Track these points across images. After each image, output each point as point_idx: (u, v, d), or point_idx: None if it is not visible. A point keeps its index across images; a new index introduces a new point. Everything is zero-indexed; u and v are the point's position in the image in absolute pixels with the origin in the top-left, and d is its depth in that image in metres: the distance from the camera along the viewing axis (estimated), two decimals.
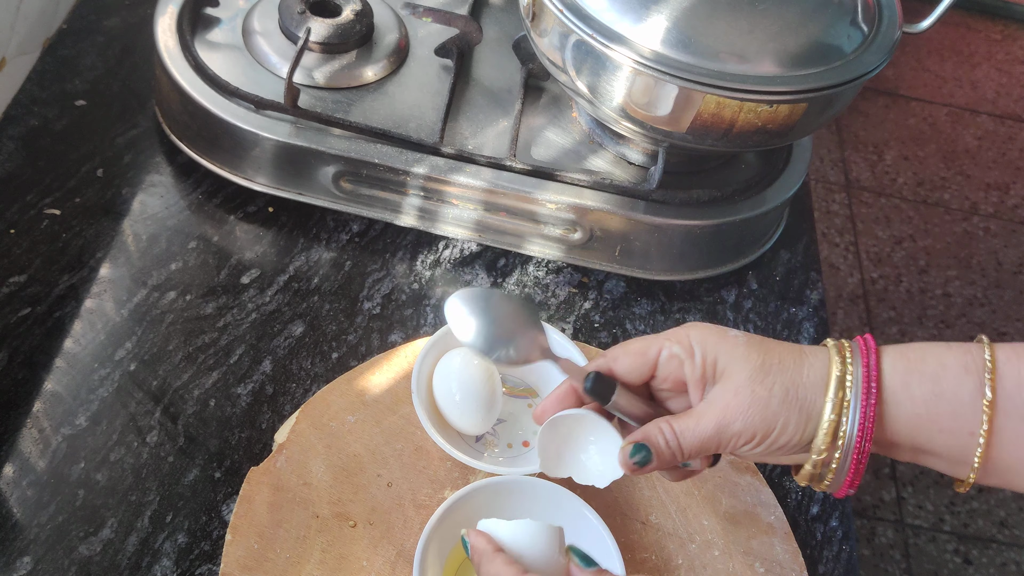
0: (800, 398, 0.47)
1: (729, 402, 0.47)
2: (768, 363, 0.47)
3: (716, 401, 0.48)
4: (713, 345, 0.48)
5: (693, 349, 0.49)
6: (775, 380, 0.47)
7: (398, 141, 0.74)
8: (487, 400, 0.62)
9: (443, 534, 0.57)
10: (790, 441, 0.47)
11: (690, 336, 0.49)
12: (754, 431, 0.47)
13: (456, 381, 0.62)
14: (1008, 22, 2.87)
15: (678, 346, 0.49)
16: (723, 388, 0.48)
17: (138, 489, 0.60)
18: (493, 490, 0.59)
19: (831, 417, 0.46)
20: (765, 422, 0.47)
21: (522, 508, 0.59)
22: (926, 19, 0.73)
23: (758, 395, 0.47)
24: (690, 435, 0.48)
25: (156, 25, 0.77)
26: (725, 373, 0.48)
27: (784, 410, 0.47)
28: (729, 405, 0.47)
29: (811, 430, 0.47)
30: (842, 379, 0.47)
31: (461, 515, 0.58)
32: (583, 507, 0.58)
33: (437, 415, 0.63)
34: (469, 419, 0.62)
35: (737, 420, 0.47)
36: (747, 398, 0.47)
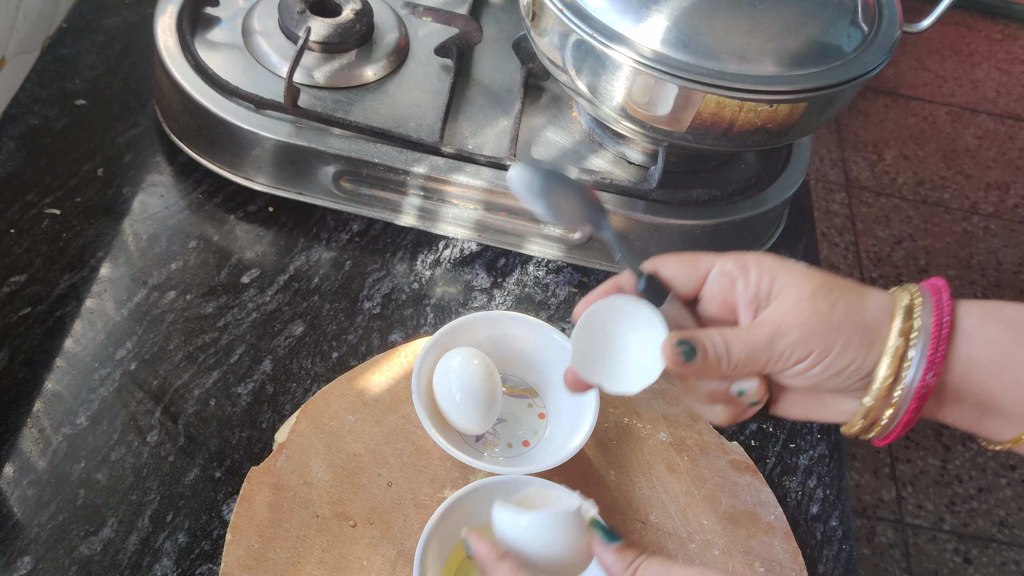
0: (864, 319, 0.43)
1: (787, 312, 0.43)
2: (830, 283, 0.44)
3: (772, 314, 0.44)
4: (770, 266, 0.45)
5: (748, 267, 0.45)
6: (839, 297, 0.43)
7: (398, 141, 0.74)
8: (487, 400, 0.62)
9: (443, 534, 0.57)
10: (850, 365, 0.44)
11: (746, 256, 0.46)
12: (811, 346, 0.43)
13: (456, 381, 0.62)
14: (1008, 21, 2.87)
15: (732, 263, 0.46)
16: (781, 302, 0.44)
17: (138, 488, 0.60)
18: (493, 490, 0.59)
19: (898, 342, 0.43)
20: (825, 337, 0.43)
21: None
22: (926, 18, 0.73)
23: (819, 309, 0.43)
24: (739, 342, 0.44)
25: (156, 24, 0.77)
26: (784, 290, 0.45)
27: (847, 328, 0.43)
28: (787, 315, 0.43)
29: (873, 357, 0.43)
30: (910, 309, 0.43)
31: (461, 515, 0.58)
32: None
33: (437, 415, 0.63)
34: (469, 419, 0.62)
35: (794, 330, 0.43)
36: (807, 310, 0.43)
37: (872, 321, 0.44)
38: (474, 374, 0.62)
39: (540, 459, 0.63)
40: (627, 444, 0.67)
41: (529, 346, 0.67)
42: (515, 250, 0.77)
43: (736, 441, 0.69)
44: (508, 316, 0.67)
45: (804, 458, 0.70)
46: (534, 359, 0.68)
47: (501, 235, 0.77)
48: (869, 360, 0.44)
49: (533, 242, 0.77)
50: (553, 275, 0.77)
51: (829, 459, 0.70)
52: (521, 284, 0.76)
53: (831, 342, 0.43)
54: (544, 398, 0.68)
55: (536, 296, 0.76)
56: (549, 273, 0.77)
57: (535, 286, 0.76)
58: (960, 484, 1.80)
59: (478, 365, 0.63)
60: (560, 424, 0.65)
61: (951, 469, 1.81)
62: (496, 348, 0.66)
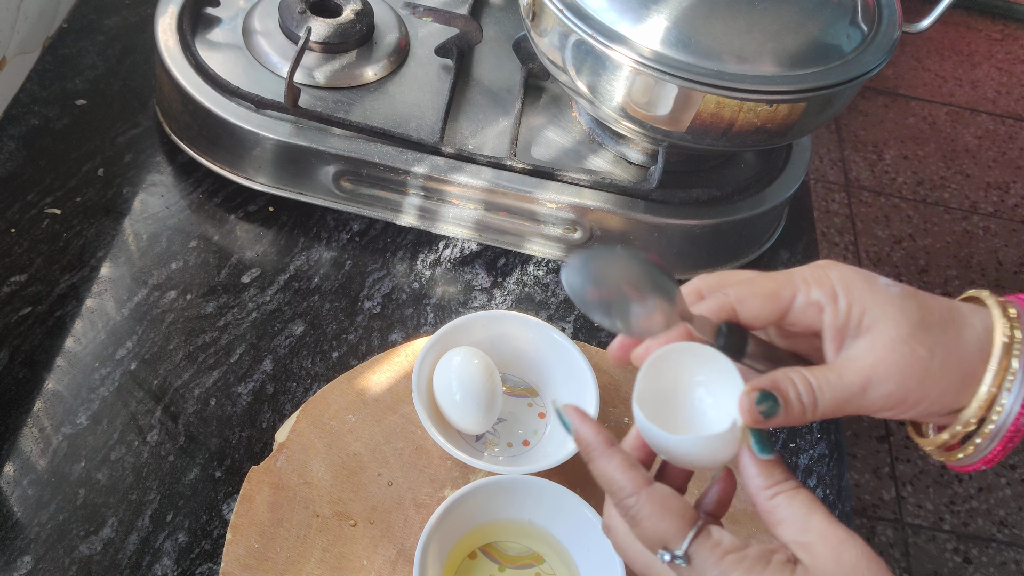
0: (963, 363, 0.40)
1: (883, 358, 0.40)
2: (928, 320, 0.40)
3: (865, 356, 0.41)
4: (860, 293, 0.41)
5: (837, 295, 0.42)
6: (936, 340, 0.40)
7: (398, 141, 0.74)
8: (487, 399, 0.62)
9: (443, 533, 0.57)
10: (941, 411, 0.42)
11: (832, 278, 0.42)
12: (905, 395, 0.40)
13: (456, 380, 0.62)
14: (1008, 21, 2.87)
15: (818, 290, 0.42)
16: (873, 341, 0.40)
17: (139, 488, 0.60)
18: (493, 489, 0.59)
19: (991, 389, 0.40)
20: (922, 387, 0.40)
21: (523, 508, 0.60)
22: (926, 18, 0.73)
23: (918, 355, 0.40)
24: (829, 391, 0.41)
25: (157, 24, 0.77)
26: (876, 326, 0.41)
27: (945, 376, 0.40)
28: (883, 362, 0.40)
29: (965, 399, 0.41)
30: (1009, 346, 0.41)
31: (461, 514, 0.58)
32: (583, 507, 0.58)
33: (437, 414, 0.63)
34: (469, 418, 0.62)
35: (890, 380, 0.40)
36: (906, 356, 0.40)
37: (969, 364, 0.41)
38: (474, 374, 0.62)
39: (540, 458, 0.63)
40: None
41: (529, 346, 0.67)
42: (515, 250, 0.77)
43: None
44: (508, 316, 0.67)
45: (804, 458, 0.70)
46: (534, 359, 0.68)
47: (501, 235, 0.77)
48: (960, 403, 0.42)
49: (533, 242, 0.77)
50: (553, 275, 0.77)
51: (829, 459, 0.70)
52: (521, 284, 0.76)
53: (928, 392, 0.41)
54: (544, 398, 0.68)
55: (536, 296, 0.76)
56: (549, 273, 0.78)
57: (535, 286, 0.77)
58: (960, 484, 1.80)
59: (478, 365, 0.63)
60: (560, 423, 0.65)
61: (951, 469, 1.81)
62: (496, 348, 0.66)
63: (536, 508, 0.60)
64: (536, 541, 0.61)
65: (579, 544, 0.59)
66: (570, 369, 0.66)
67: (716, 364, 0.44)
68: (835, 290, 0.42)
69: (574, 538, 0.59)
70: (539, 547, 0.61)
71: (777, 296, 0.43)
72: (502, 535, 0.61)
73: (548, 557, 0.60)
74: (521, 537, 0.61)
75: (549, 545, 0.60)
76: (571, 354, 0.66)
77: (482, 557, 0.60)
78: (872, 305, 0.41)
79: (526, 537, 0.61)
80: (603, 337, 0.74)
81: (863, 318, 0.41)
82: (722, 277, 0.45)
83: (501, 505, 0.59)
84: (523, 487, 0.59)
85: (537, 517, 0.60)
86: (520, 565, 0.60)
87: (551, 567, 0.60)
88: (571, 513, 0.59)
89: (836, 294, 0.42)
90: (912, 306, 0.41)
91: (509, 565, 0.60)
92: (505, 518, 0.60)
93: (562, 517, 0.59)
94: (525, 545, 0.61)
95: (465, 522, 0.59)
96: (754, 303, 0.43)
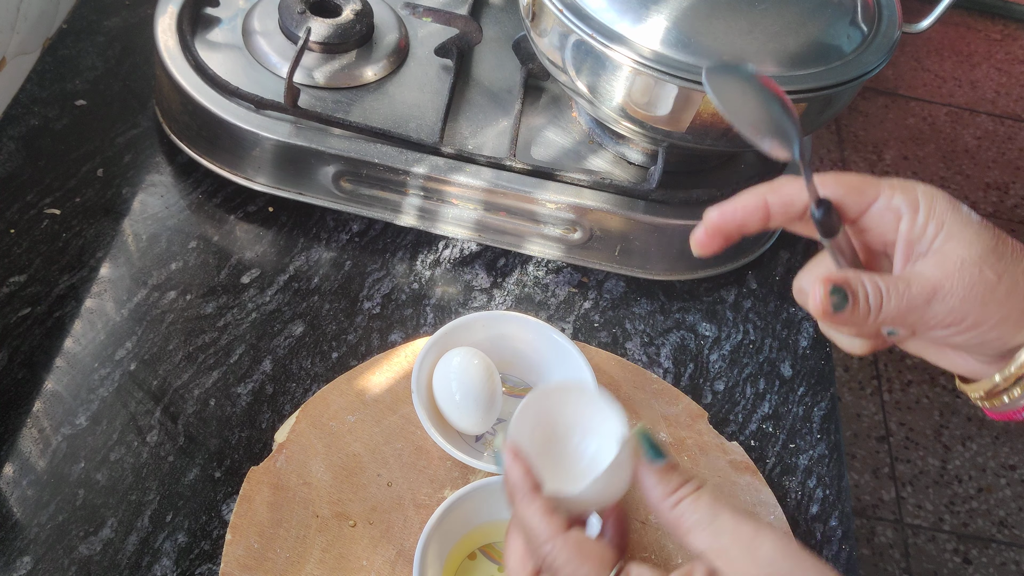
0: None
1: (951, 274, 0.41)
2: (1002, 248, 0.41)
3: (934, 270, 0.41)
4: (943, 209, 0.42)
5: (918, 205, 0.42)
6: (1007, 267, 0.41)
7: (398, 141, 0.74)
8: (487, 399, 0.62)
9: (443, 534, 0.57)
10: (998, 339, 0.42)
11: (918, 190, 0.42)
12: (966, 314, 0.41)
13: (456, 381, 0.62)
14: (1008, 22, 2.87)
15: (901, 197, 0.42)
16: (944, 258, 0.41)
17: (138, 489, 0.60)
18: (492, 489, 0.59)
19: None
20: (983, 309, 0.41)
21: (497, 504, 0.59)
22: (926, 19, 0.73)
23: (986, 277, 0.40)
24: (896, 297, 0.41)
25: (156, 25, 0.77)
26: (950, 244, 0.41)
27: (1007, 304, 0.41)
28: (950, 278, 0.41)
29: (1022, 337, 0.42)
30: None
31: (461, 514, 0.58)
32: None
33: (437, 415, 0.63)
34: (469, 419, 0.62)
35: (954, 296, 0.41)
36: (974, 277, 0.40)
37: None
38: (474, 374, 0.62)
39: None
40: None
41: (529, 346, 0.67)
42: (515, 250, 0.77)
43: (736, 441, 0.69)
44: (508, 316, 0.67)
45: (804, 458, 0.70)
46: (534, 359, 0.68)
47: (501, 235, 0.77)
48: (1017, 339, 0.42)
49: (533, 242, 0.77)
50: (553, 275, 0.77)
51: (829, 459, 0.70)
52: (521, 284, 0.76)
53: (988, 315, 0.41)
54: None
55: (536, 296, 0.76)
56: (549, 273, 0.78)
57: (535, 286, 0.77)
58: (960, 484, 1.80)
59: (478, 365, 0.63)
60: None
61: (951, 469, 1.81)
62: (496, 348, 0.66)
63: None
64: None
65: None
66: (570, 370, 0.66)
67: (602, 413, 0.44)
68: (916, 201, 0.42)
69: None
70: None
71: (861, 190, 0.43)
72: (501, 535, 0.61)
73: None
74: None
75: None
76: (571, 354, 0.65)
77: (481, 557, 0.60)
78: (951, 223, 0.41)
79: None
80: (603, 338, 0.74)
81: (939, 235, 0.41)
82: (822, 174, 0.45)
83: (500, 505, 0.59)
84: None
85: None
86: None
87: None
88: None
89: (918, 205, 0.42)
90: (988, 234, 0.41)
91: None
92: (504, 519, 0.60)
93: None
94: None
95: (464, 522, 0.59)
96: (838, 189, 0.43)
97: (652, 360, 0.74)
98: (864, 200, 0.43)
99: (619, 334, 0.75)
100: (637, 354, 0.74)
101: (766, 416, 0.72)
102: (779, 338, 0.77)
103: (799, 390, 0.74)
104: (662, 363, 0.74)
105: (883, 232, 0.44)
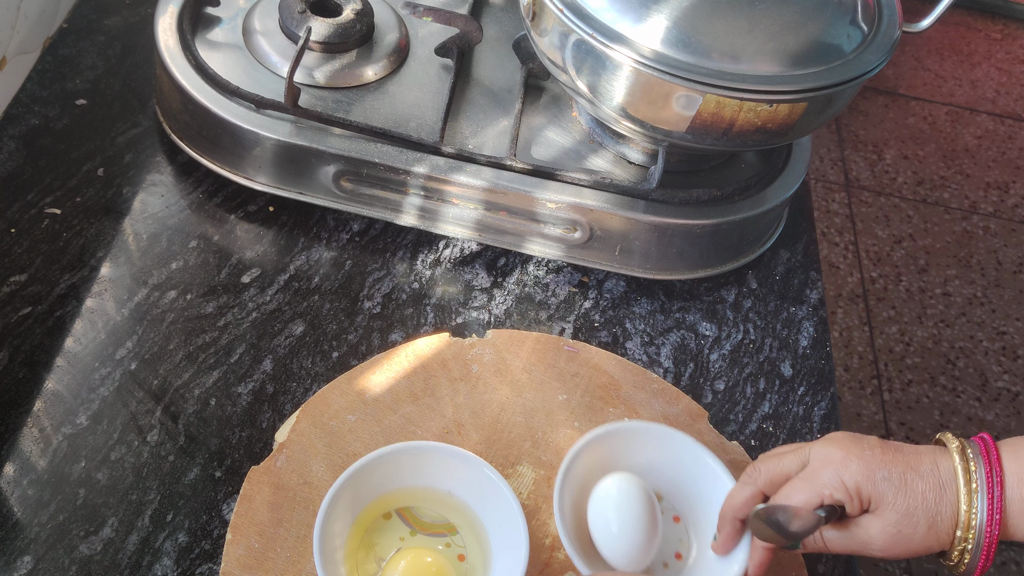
0: (938, 529, 0.54)
1: (877, 534, 0.54)
2: (912, 507, 0.54)
3: (867, 528, 0.55)
4: (868, 487, 0.54)
5: (851, 496, 0.54)
6: (919, 520, 0.53)
7: (398, 140, 0.74)
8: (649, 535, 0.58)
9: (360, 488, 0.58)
10: (916, 556, 0.56)
11: (844, 481, 0.54)
12: (897, 553, 0.55)
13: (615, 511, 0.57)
14: (1008, 21, 2.87)
15: (840, 493, 0.54)
16: (872, 521, 0.54)
17: (139, 488, 0.60)
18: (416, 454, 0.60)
19: (959, 547, 0.54)
20: (906, 550, 0.54)
21: (445, 478, 0.60)
22: (926, 18, 0.73)
23: (904, 534, 0.54)
24: (837, 545, 0.56)
25: (157, 24, 0.77)
26: (878, 510, 0.54)
27: (924, 542, 0.54)
28: (876, 537, 0.54)
29: (941, 547, 0.54)
30: (968, 523, 0.53)
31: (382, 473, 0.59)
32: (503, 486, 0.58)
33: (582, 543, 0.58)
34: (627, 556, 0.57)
35: (878, 546, 0.54)
36: (892, 536, 0.54)
37: (942, 530, 0.54)
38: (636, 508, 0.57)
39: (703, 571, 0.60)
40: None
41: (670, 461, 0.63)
42: (515, 250, 0.77)
43: (736, 441, 0.69)
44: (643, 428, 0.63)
45: None
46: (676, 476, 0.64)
47: (501, 235, 0.77)
48: (937, 547, 0.55)
49: (533, 242, 0.77)
50: (553, 275, 0.77)
51: None
52: (521, 284, 0.76)
53: (908, 551, 0.55)
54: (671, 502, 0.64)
55: (536, 296, 0.76)
56: (549, 273, 0.78)
57: (535, 286, 0.77)
58: None
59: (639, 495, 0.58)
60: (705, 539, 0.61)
61: None
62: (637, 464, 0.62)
63: (457, 480, 0.60)
64: (453, 512, 0.61)
65: (494, 521, 0.59)
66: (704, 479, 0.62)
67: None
68: (850, 493, 0.54)
69: (491, 515, 0.59)
70: (455, 518, 0.61)
71: (813, 499, 0.55)
72: (422, 501, 0.61)
73: (462, 529, 0.60)
74: (439, 506, 0.61)
75: (465, 518, 0.60)
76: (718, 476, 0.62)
77: (396, 519, 0.60)
78: (875, 496, 0.54)
79: (444, 507, 0.61)
80: (603, 337, 0.74)
81: (870, 504, 0.54)
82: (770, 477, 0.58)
83: (423, 472, 0.60)
84: (447, 456, 0.60)
85: (457, 489, 0.60)
86: (432, 532, 0.60)
87: (462, 539, 0.60)
88: (490, 490, 0.59)
89: (851, 495, 0.54)
90: (901, 498, 0.54)
91: (421, 531, 0.60)
92: (426, 485, 0.60)
93: (481, 493, 0.60)
94: (441, 515, 0.61)
95: (385, 482, 0.59)
96: (800, 497, 0.56)
97: (652, 360, 0.74)
98: (815, 502, 0.55)
99: (619, 334, 0.75)
100: (637, 354, 0.74)
101: (766, 416, 0.72)
102: (779, 338, 0.77)
103: (799, 390, 0.74)
104: (662, 363, 0.74)
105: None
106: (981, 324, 2.03)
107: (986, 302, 2.09)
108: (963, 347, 1.98)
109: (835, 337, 1.95)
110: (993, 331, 2.01)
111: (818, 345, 0.77)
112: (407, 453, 0.59)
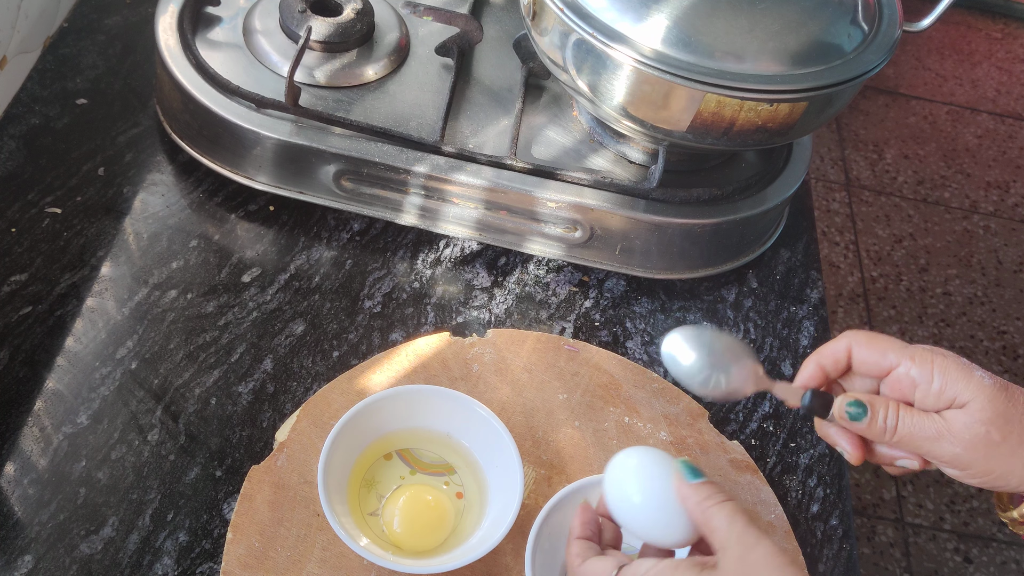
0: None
1: (961, 425, 0.47)
2: (1010, 412, 0.47)
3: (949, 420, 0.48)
4: (955, 380, 0.48)
5: (934, 378, 0.48)
6: (1011, 431, 0.47)
7: (399, 140, 0.74)
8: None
9: (361, 429, 0.60)
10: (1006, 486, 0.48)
11: (934, 363, 0.48)
12: (971, 464, 0.48)
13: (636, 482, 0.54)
14: (1008, 20, 2.87)
15: (918, 369, 0.49)
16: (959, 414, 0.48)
17: (139, 487, 0.61)
18: (416, 397, 0.62)
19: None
20: (986, 463, 0.47)
21: (443, 420, 0.62)
22: (926, 18, 0.73)
23: (990, 438, 0.47)
24: (910, 424, 0.48)
25: (157, 24, 0.77)
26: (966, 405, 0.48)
27: (1009, 461, 0.47)
28: (958, 428, 0.47)
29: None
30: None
31: (383, 415, 0.61)
32: (500, 427, 0.60)
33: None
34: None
35: (959, 445, 0.47)
36: (979, 436, 0.47)
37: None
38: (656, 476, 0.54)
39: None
40: (627, 443, 0.67)
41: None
42: (516, 249, 0.77)
43: (736, 440, 0.69)
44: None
45: (804, 457, 0.70)
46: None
47: (502, 234, 0.77)
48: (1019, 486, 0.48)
49: (534, 241, 0.77)
50: (553, 274, 0.77)
51: (829, 458, 0.70)
52: (522, 283, 0.76)
53: (992, 468, 0.47)
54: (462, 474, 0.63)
55: (537, 295, 0.76)
56: (549, 272, 0.78)
57: (535, 285, 0.77)
58: (960, 483, 1.79)
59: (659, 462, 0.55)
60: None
61: None
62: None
63: (456, 422, 0.62)
64: (452, 453, 0.63)
65: (492, 462, 0.61)
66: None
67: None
68: (932, 374, 0.48)
69: (488, 456, 0.61)
70: (454, 459, 0.63)
71: (884, 353, 0.50)
72: (421, 443, 0.63)
73: (460, 469, 0.62)
74: (438, 447, 0.63)
75: (464, 459, 0.62)
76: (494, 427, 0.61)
77: (397, 459, 0.62)
78: (964, 390, 0.47)
79: (443, 448, 0.63)
80: (603, 336, 0.74)
81: (955, 399, 0.48)
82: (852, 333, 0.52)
83: (422, 414, 0.62)
84: (445, 399, 0.62)
85: (455, 431, 0.62)
86: (431, 472, 0.62)
87: (460, 479, 0.62)
88: (488, 431, 0.61)
89: (932, 378, 0.48)
90: (1001, 397, 0.47)
91: (421, 470, 0.62)
92: (425, 427, 0.63)
93: (479, 434, 0.62)
94: (440, 455, 0.63)
95: (386, 423, 0.61)
96: (865, 352, 0.51)
97: (653, 359, 0.74)
98: (885, 364, 0.50)
99: (620, 333, 0.75)
100: (638, 353, 0.74)
101: (766, 415, 0.72)
102: (780, 337, 0.77)
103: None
104: (663, 362, 0.74)
105: (902, 395, 0.50)
106: (981, 324, 2.03)
107: (986, 301, 2.09)
108: (963, 346, 1.98)
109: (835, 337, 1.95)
110: (993, 331, 2.01)
111: (818, 344, 0.77)
112: (407, 395, 0.61)
